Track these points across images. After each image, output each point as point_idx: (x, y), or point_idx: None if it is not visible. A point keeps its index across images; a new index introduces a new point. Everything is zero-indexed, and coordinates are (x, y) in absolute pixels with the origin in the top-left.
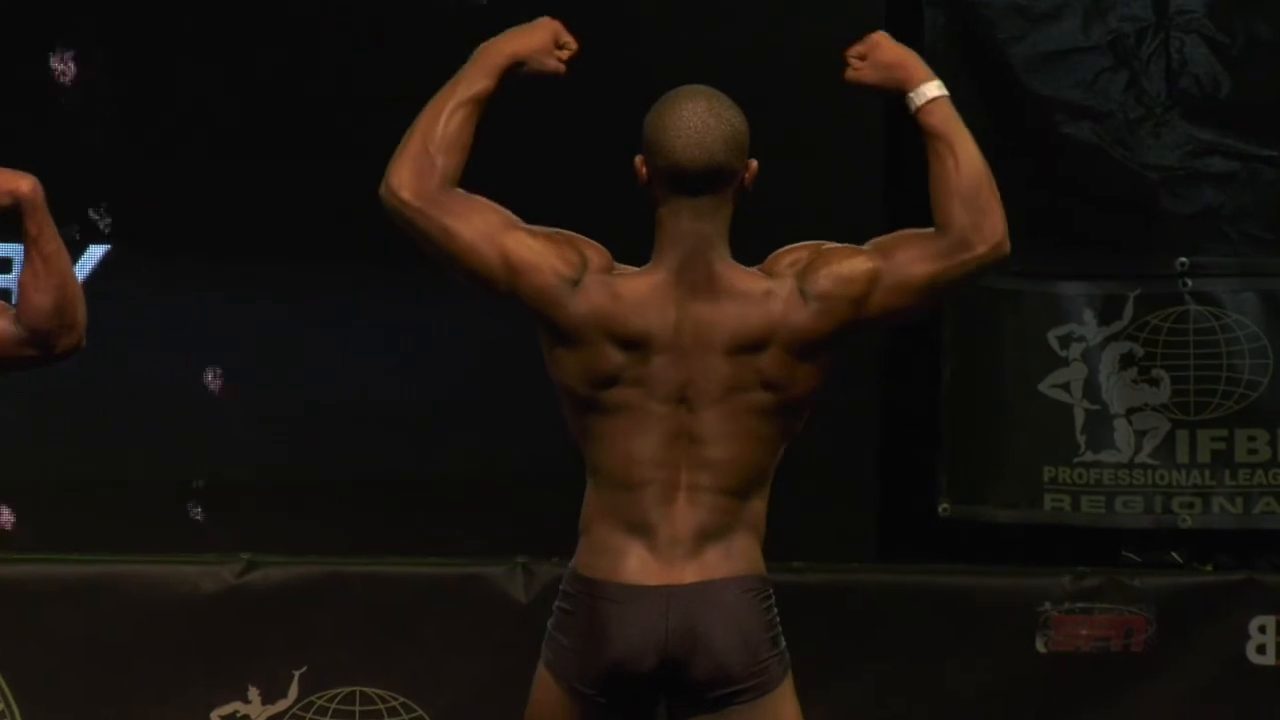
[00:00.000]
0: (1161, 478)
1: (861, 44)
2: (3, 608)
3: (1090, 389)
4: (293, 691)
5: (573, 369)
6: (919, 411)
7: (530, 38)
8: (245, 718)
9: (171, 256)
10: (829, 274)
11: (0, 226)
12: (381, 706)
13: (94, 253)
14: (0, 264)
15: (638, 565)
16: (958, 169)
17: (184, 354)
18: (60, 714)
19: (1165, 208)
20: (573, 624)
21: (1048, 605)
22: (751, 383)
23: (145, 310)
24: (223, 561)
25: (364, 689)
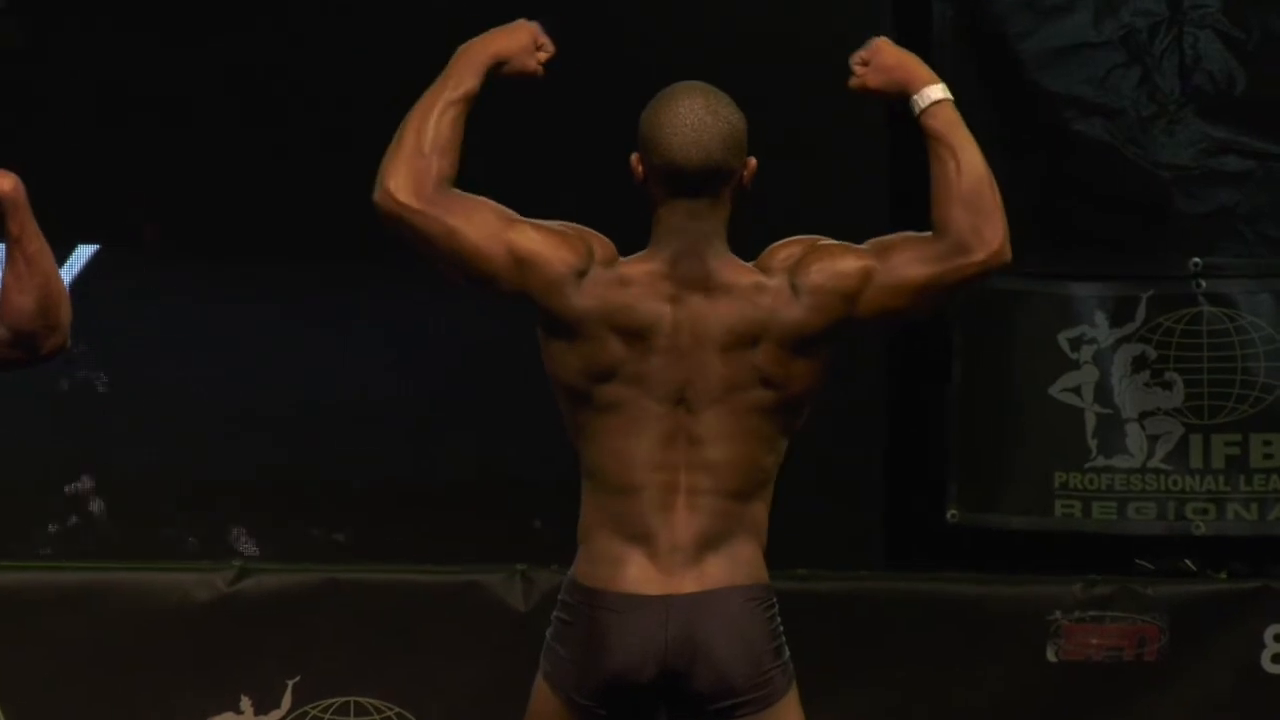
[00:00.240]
0: (1175, 483)
1: (864, 49)
2: None
3: (1102, 392)
4: (286, 701)
5: (573, 362)
6: (927, 416)
7: (510, 38)
8: None
9: (170, 257)
10: (821, 269)
11: None
12: (377, 717)
13: (91, 254)
14: None
15: (637, 574)
16: (959, 172)
17: (183, 354)
18: None
19: (1178, 207)
20: (571, 634)
21: (1058, 614)
22: (749, 380)
23: (144, 310)
24: (215, 568)
25: (359, 699)
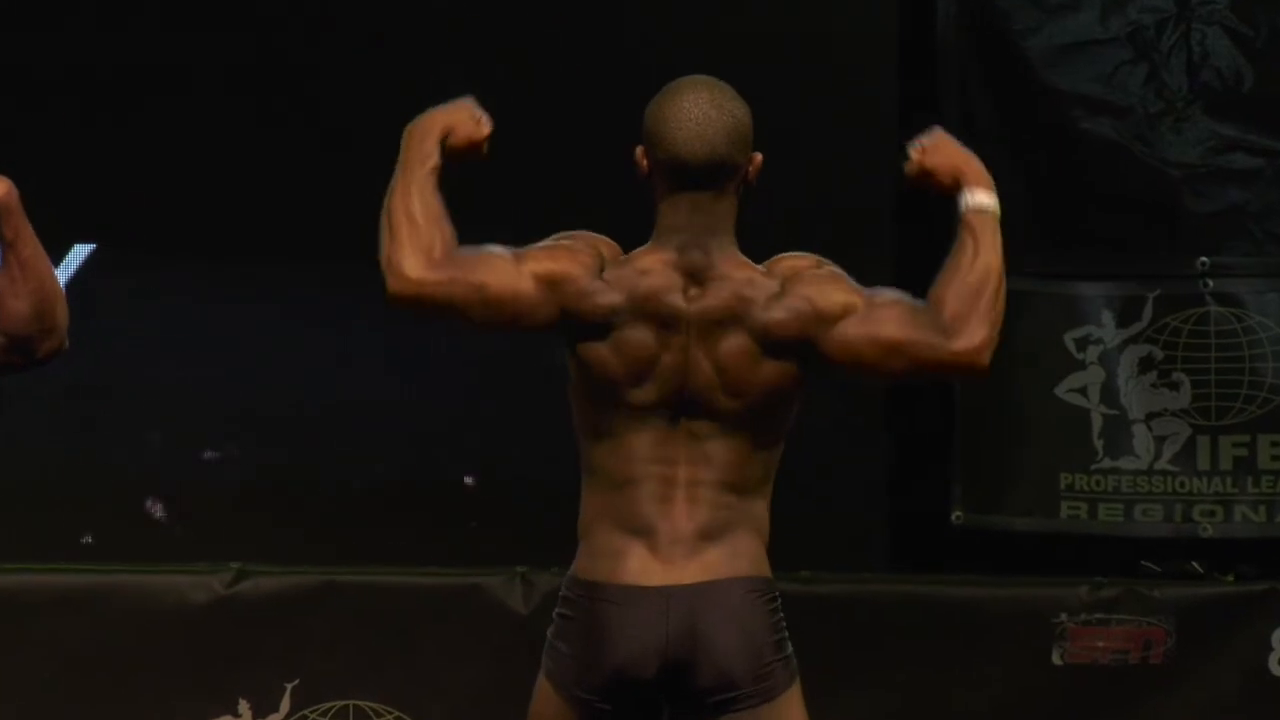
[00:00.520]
0: (1181, 485)
1: (925, 136)
2: None
3: (1108, 393)
4: (284, 705)
5: (614, 364)
6: (931, 417)
7: (451, 112)
8: None
9: (171, 257)
10: (814, 284)
11: None
12: None
13: (89, 254)
14: None
15: (638, 566)
16: (972, 267)
17: (183, 354)
18: None
19: (1186, 205)
20: (573, 629)
21: (1064, 616)
22: (715, 380)
23: (144, 310)
24: (213, 570)
25: (358, 702)
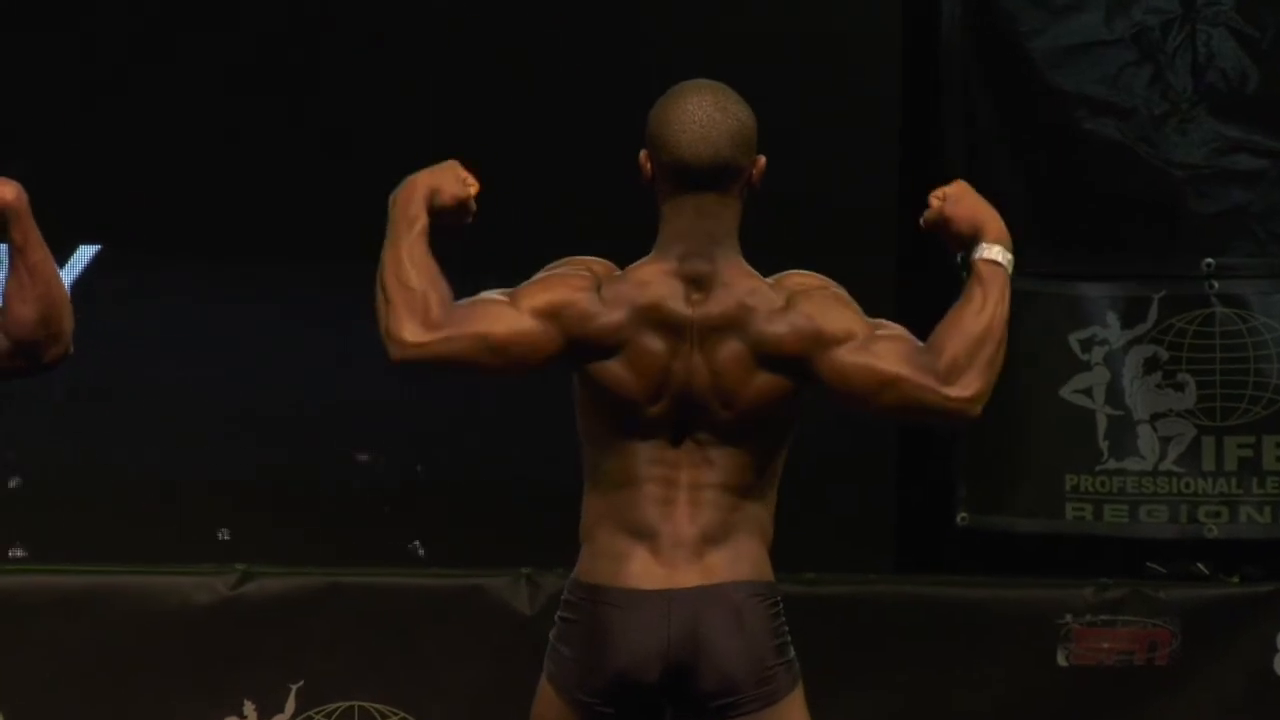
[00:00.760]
0: (1187, 486)
1: (948, 186)
2: None
3: (1113, 394)
4: (289, 706)
5: (629, 380)
6: None
7: (437, 172)
8: None
9: (170, 257)
10: (819, 305)
11: None
12: None
13: (92, 254)
14: None
15: (640, 569)
16: (978, 315)
17: (183, 354)
18: None
19: (1191, 207)
20: (575, 632)
21: (1069, 618)
22: (711, 389)
23: (144, 310)
24: (217, 572)
25: (363, 704)
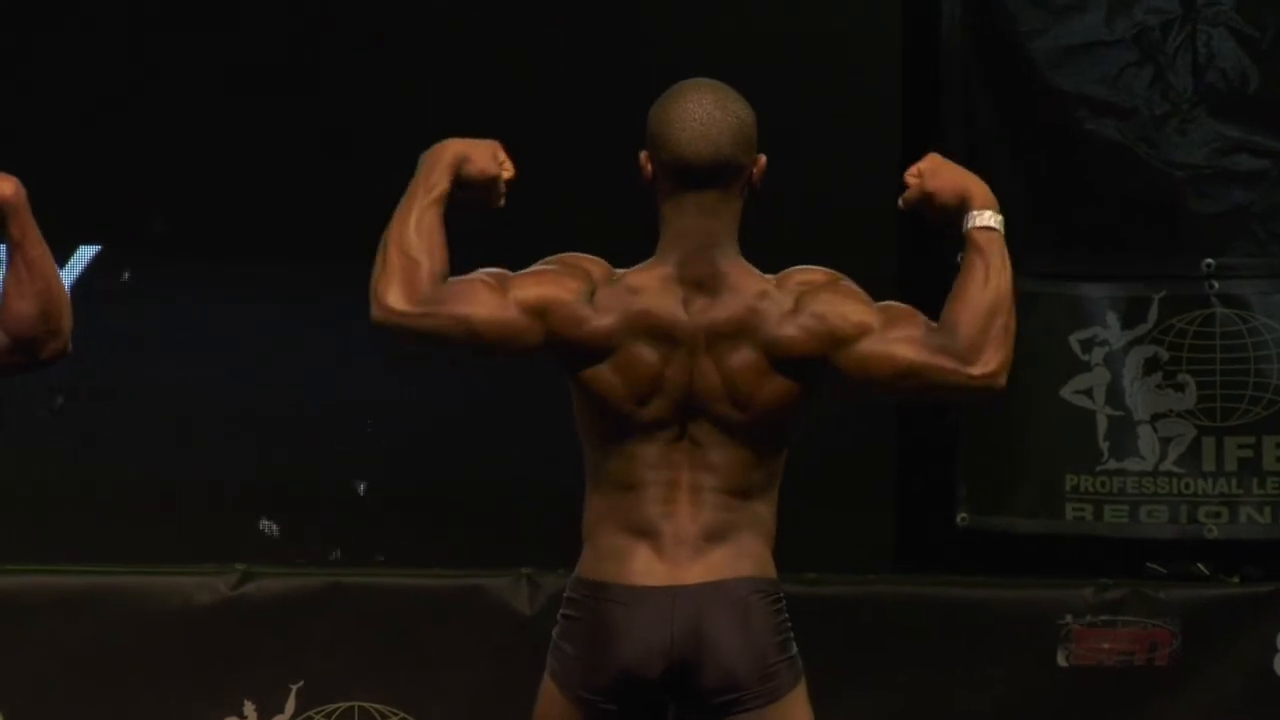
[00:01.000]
0: (1187, 486)
1: (922, 161)
2: None
3: (1113, 394)
4: (290, 706)
5: (615, 382)
6: (937, 419)
7: (475, 144)
8: None
9: (171, 257)
10: (829, 301)
11: None
12: None
13: (93, 254)
14: None
15: (643, 566)
16: (985, 287)
17: (183, 354)
18: None
19: (1191, 207)
20: (578, 630)
21: (1069, 618)
22: (722, 391)
23: (144, 310)
24: (218, 572)
25: (363, 704)
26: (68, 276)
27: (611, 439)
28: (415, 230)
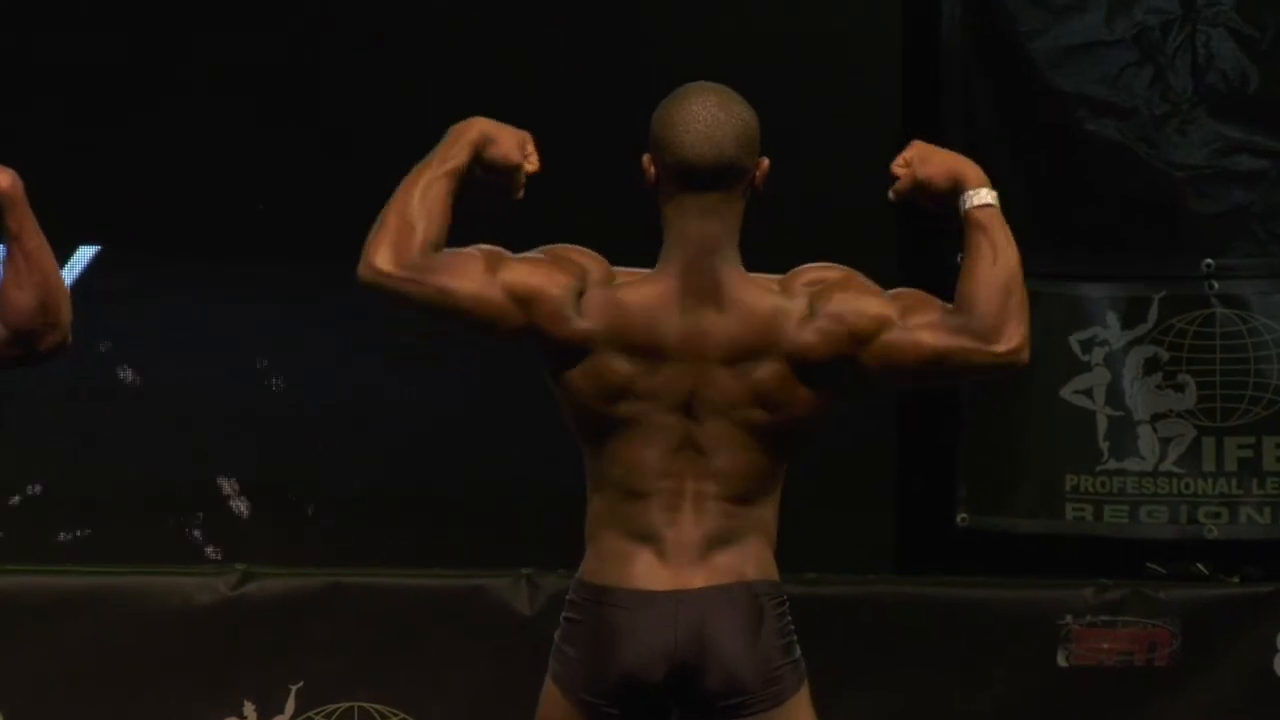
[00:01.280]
0: (1187, 486)
1: (907, 151)
2: None
3: (1113, 394)
4: (290, 707)
5: (585, 386)
6: (937, 419)
7: (502, 127)
8: None
9: (171, 257)
10: (844, 299)
11: None
12: None
13: (93, 254)
14: None
15: (646, 570)
16: (994, 264)
17: (183, 354)
18: None
19: (1191, 207)
20: (580, 633)
21: (1069, 618)
22: (748, 398)
23: (144, 310)
24: (218, 572)
25: (363, 704)
26: (68, 276)
27: (593, 437)
28: (420, 196)
